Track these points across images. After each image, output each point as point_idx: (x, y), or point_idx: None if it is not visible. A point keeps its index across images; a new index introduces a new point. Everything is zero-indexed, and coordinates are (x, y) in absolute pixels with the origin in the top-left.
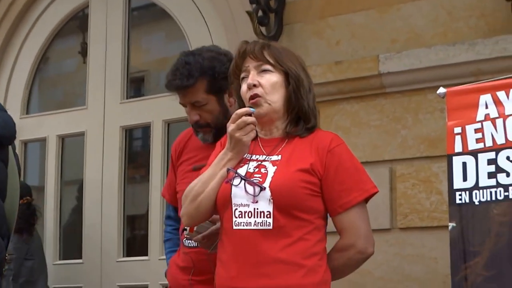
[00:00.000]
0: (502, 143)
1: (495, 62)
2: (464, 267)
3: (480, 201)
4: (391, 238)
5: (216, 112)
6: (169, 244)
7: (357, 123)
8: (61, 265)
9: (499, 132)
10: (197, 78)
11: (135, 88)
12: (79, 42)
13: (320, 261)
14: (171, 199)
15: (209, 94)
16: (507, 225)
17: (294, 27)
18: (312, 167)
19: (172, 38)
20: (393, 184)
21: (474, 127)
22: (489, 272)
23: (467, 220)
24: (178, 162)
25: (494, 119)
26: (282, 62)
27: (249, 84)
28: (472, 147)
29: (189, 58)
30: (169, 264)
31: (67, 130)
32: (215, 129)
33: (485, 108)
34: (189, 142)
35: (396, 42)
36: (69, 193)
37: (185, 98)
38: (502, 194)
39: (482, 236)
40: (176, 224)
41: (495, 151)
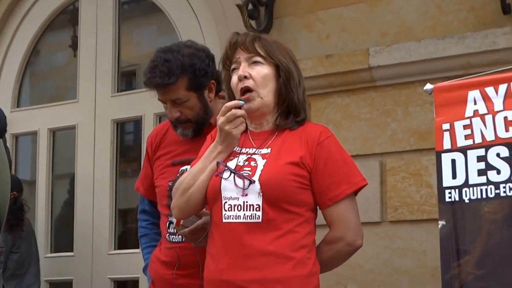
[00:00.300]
0: (492, 139)
1: (485, 56)
2: (455, 265)
3: (470, 199)
4: (381, 231)
5: (196, 108)
6: (145, 240)
7: (348, 116)
8: (52, 258)
9: (489, 128)
10: (178, 76)
11: (126, 81)
12: (69, 35)
13: (309, 254)
14: (146, 193)
15: (189, 91)
16: (498, 223)
17: (284, 20)
18: (301, 160)
19: (162, 32)
20: (383, 177)
21: (463, 124)
22: (480, 271)
23: (457, 219)
24: (155, 156)
25: (483, 115)
26: (273, 54)
27: (240, 76)
28: (461, 144)
29: (168, 55)
30: (151, 259)
31: (58, 123)
32: (195, 124)
33: (474, 104)
34: (166, 135)
35: (386, 36)
36: (60, 186)
37: (165, 95)
38: (493, 192)
39: (473, 234)
40: (151, 219)
41: (484, 147)
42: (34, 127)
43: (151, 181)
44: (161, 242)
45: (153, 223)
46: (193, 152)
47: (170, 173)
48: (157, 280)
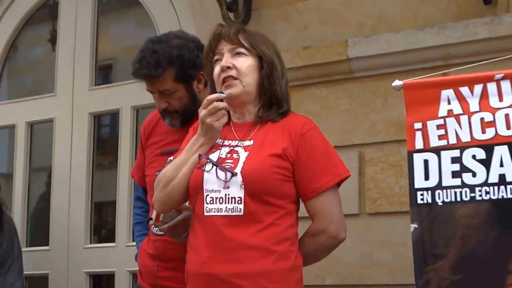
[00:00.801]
0: (468, 141)
1: (465, 46)
2: (429, 270)
3: (443, 201)
4: (359, 223)
5: (184, 99)
6: (139, 227)
7: (326, 108)
8: (28, 252)
9: (464, 129)
10: (165, 67)
11: (103, 75)
12: (48, 30)
13: (291, 247)
14: (140, 181)
15: (177, 83)
16: (474, 227)
17: (262, 12)
18: (284, 152)
19: (140, 25)
20: (362, 168)
21: (436, 123)
22: (455, 276)
23: (430, 222)
24: (147, 143)
25: (458, 116)
26: (257, 46)
27: (223, 66)
28: (434, 144)
29: (157, 46)
30: (139, 249)
31: (36, 117)
32: (183, 115)
33: (448, 104)
34: (157, 124)
35: (365, 27)
36: (37, 180)
37: (153, 86)
38: (468, 195)
39: (447, 238)
40: (145, 206)
41: (459, 149)
42: (12, 121)
43: (144, 169)
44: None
45: (147, 210)
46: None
47: (159, 163)
48: (144, 272)
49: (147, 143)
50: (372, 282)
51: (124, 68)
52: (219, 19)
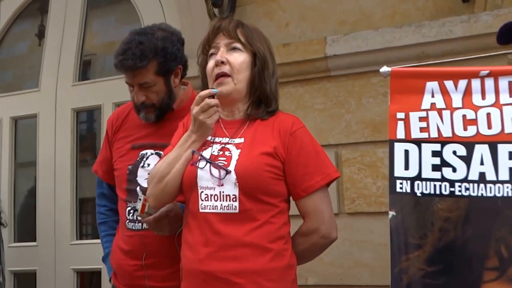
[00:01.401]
0: (449, 136)
1: (440, 45)
2: (404, 259)
3: (422, 192)
4: (339, 223)
5: (162, 93)
6: (104, 227)
7: (302, 107)
8: (15, 247)
9: (446, 124)
10: (150, 59)
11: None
12: (37, 24)
13: (286, 245)
14: (104, 176)
15: (158, 76)
16: (452, 222)
17: (247, 8)
18: (275, 151)
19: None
20: (339, 168)
21: (419, 115)
22: (431, 268)
23: (407, 211)
24: (115, 137)
25: (440, 110)
26: (253, 42)
27: (217, 61)
28: (415, 136)
29: (142, 38)
30: (112, 249)
31: (20, 112)
32: (159, 109)
33: (431, 97)
34: (127, 118)
35: (345, 24)
36: (23, 175)
37: (134, 78)
38: (447, 189)
39: (424, 229)
40: (110, 204)
41: (440, 143)
42: None
43: (109, 164)
44: (119, 229)
45: (111, 209)
46: (153, 136)
47: (130, 157)
48: (119, 272)
49: (114, 137)
50: (353, 282)
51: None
52: (204, 14)
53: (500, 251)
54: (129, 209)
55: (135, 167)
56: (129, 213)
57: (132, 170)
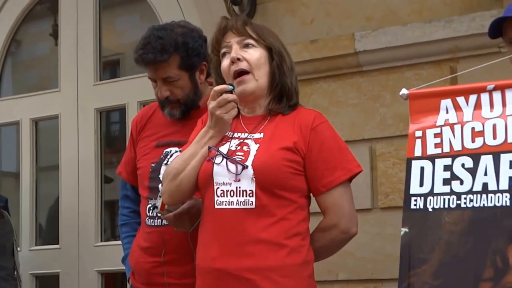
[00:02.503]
0: (459, 149)
1: (472, 39)
2: (411, 274)
3: (433, 207)
4: (372, 218)
5: (187, 88)
6: (126, 229)
7: (335, 102)
8: (38, 250)
9: (457, 138)
10: (171, 53)
11: (110, 70)
12: (50, 24)
13: (303, 241)
14: (128, 177)
15: (181, 70)
16: (456, 234)
17: (268, 5)
18: (295, 146)
19: (145, 20)
20: (373, 163)
21: (434, 132)
22: (435, 281)
23: (419, 226)
24: (139, 137)
25: (452, 125)
26: (265, 37)
27: (233, 58)
28: (430, 152)
29: (161, 33)
30: (132, 248)
31: (40, 113)
32: (184, 105)
33: (446, 113)
34: (152, 118)
35: (372, 20)
36: (44, 177)
37: (156, 73)
38: (454, 202)
39: (432, 243)
40: (133, 206)
41: (451, 157)
42: (16, 117)
43: (134, 166)
44: (140, 228)
45: (134, 211)
46: (179, 134)
47: (154, 155)
48: (137, 270)
49: (139, 136)
50: (384, 276)
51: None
52: (223, 13)
53: (495, 262)
54: (149, 206)
55: (158, 165)
56: (149, 210)
57: (155, 167)
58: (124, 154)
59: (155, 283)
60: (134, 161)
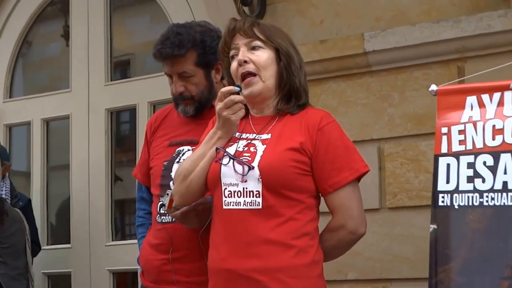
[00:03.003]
0: (480, 147)
1: (480, 39)
2: (440, 270)
3: (459, 205)
4: (380, 218)
5: (202, 86)
6: (142, 229)
7: (344, 102)
8: (49, 250)
9: (479, 135)
10: (188, 49)
11: (121, 71)
12: (61, 25)
13: (311, 241)
14: (143, 179)
15: (197, 67)
16: (479, 232)
17: (278, 6)
18: (301, 146)
19: (155, 21)
20: (382, 163)
21: (458, 128)
22: (461, 278)
23: (446, 223)
24: (153, 137)
25: (475, 122)
26: (272, 38)
27: (240, 61)
28: (455, 149)
29: (180, 29)
30: (142, 247)
31: (52, 113)
32: (198, 103)
33: (470, 110)
34: (166, 119)
35: (381, 20)
36: (55, 177)
37: (173, 67)
38: (477, 200)
39: (458, 241)
40: (149, 208)
41: (474, 154)
42: (27, 118)
43: (148, 167)
44: (151, 226)
45: (150, 212)
46: (192, 133)
47: (166, 153)
48: (147, 268)
49: (153, 137)
50: (393, 276)
51: (142, 63)
52: (233, 13)
53: None
54: (160, 205)
55: (171, 163)
56: (160, 208)
57: (168, 166)
58: (140, 156)
59: (165, 280)
60: (148, 162)
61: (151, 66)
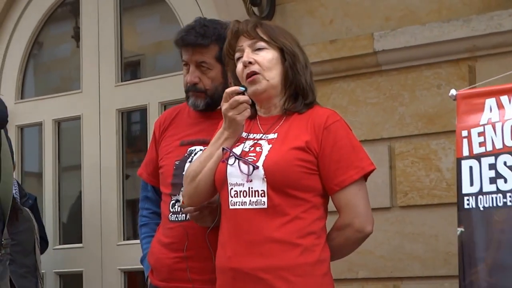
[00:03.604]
0: (500, 148)
1: (490, 38)
2: (473, 272)
3: (484, 206)
4: (391, 216)
5: (217, 82)
6: (145, 229)
7: (354, 101)
8: (61, 249)
9: (498, 136)
10: (212, 41)
11: (131, 72)
12: (72, 26)
13: (317, 240)
14: (149, 178)
15: (216, 61)
16: (506, 232)
17: (287, 6)
18: (307, 145)
19: (165, 22)
20: (392, 162)
21: (478, 131)
22: (491, 279)
23: (474, 226)
24: (162, 137)
25: (494, 123)
26: (276, 38)
27: (244, 62)
28: (476, 151)
29: (207, 22)
30: (151, 246)
31: (63, 114)
32: (210, 98)
33: (490, 112)
34: (176, 119)
35: (390, 20)
36: (67, 177)
37: (192, 56)
38: (501, 201)
39: (486, 242)
40: (153, 208)
41: (494, 155)
42: (39, 118)
43: (155, 166)
44: (160, 227)
45: (154, 212)
46: (203, 133)
47: (178, 153)
48: (157, 267)
49: (162, 136)
50: (404, 274)
51: (152, 64)
52: (243, 14)
53: None
54: (173, 202)
55: (183, 163)
56: (172, 206)
57: (179, 165)
58: (146, 155)
59: (177, 279)
60: (156, 162)
61: (162, 67)
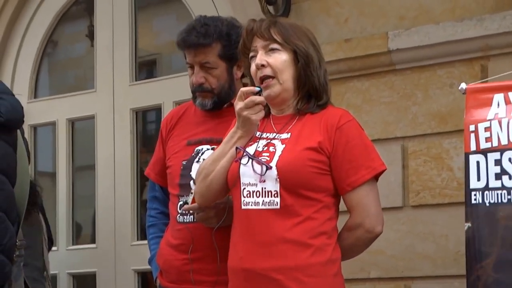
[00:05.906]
0: (505, 144)
1: (503, 37)
2: (478, 267)
3: (490, 202)
4: (403, 216)
5: (222, 79)
6: (153, 230)
7: (368, 100)
8: (74, 250)
9: (504, 132)
10: (214, 39)
11: (147, 71)
12: (86, 25)
13: (329, 240)
14: (156, 178)
15: (221, 59)
16: (509, 229)
17: (302, 5)
18: (320, 145)
19: (181, 20)
20: (405, 161)
21: (484, 126)
22: (496, 274)
23: (480, 221)
24: (168, 136)
25: (501, 119)
26: (289, 40)
27: (257, 65)
28: (483, 146)
29: (208, 20)
30: (160, 247)
31: (77, 113)
32: (217, 97)
33: (497, 107)
34: (182, 117)
35: (405, 19)
36: (81, 177)
37: (196, 57)
38: (506, 197)
39: (492, 238)
40: (161, 207)
41: (499, 151)
42: (52, 118)
43: (162, 166)
44: (168, 227)
45: (162, 212)
46: (210, 132)
47: (185, 153)
48: (166, 268)
49: (168, 136)
50: (415, 274)
51: (168, 63)
52: (258, 12)
53: None
54: (180, 204)
55: (190, 162)
56: (180, 207)
57: (187, 165)
58: (153, 154)
59: (186, 280)
60: (163, 161)
61: (177, 66)
